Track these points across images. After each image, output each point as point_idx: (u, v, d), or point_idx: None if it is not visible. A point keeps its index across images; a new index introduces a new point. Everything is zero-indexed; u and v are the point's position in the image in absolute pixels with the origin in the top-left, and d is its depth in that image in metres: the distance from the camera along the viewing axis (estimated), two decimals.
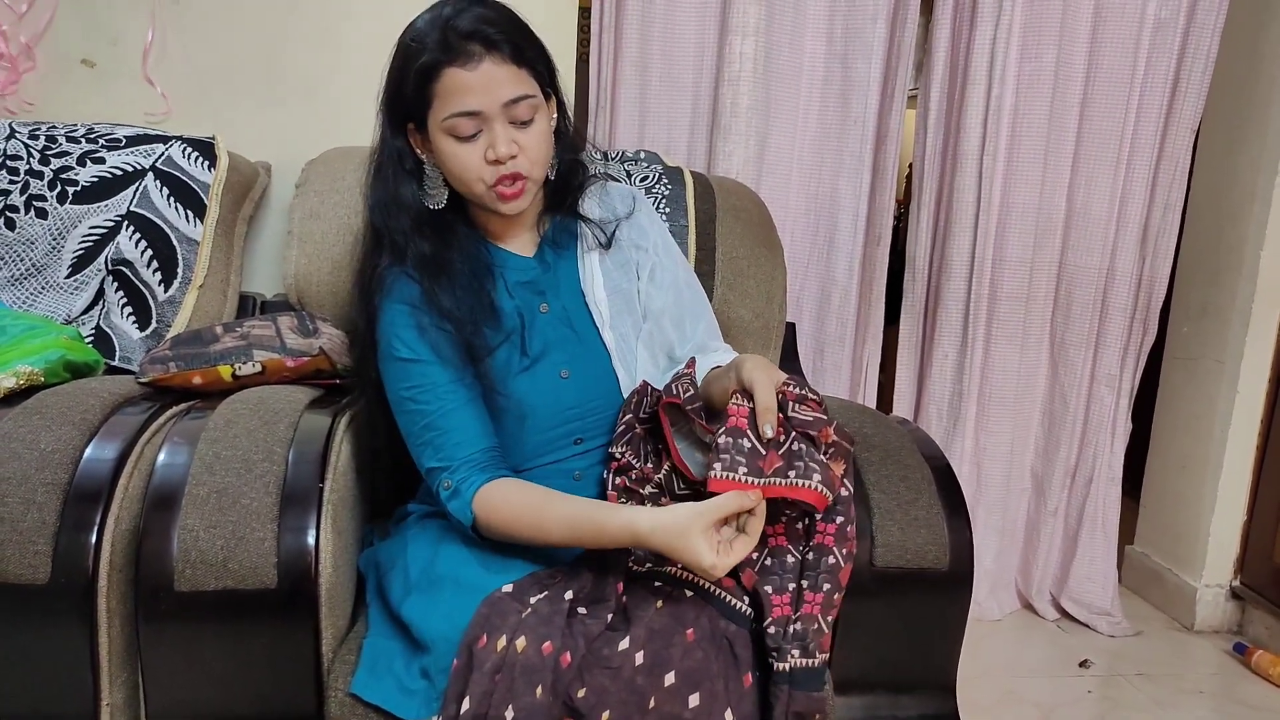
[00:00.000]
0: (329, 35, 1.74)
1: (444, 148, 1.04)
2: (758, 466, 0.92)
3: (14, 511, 0.93)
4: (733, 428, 0.94)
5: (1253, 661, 2.01)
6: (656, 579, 1.00)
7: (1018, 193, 2.06)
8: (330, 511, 1.00)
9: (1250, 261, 2.09)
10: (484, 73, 0.99)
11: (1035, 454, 2.25)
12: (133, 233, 1.44)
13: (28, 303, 1.41)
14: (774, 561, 1.00)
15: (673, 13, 1.92)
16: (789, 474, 0.92)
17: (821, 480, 0.92)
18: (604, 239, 1.18)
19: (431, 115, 1.03)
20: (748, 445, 0.93)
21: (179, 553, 0.94)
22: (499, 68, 1.00)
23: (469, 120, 1.01)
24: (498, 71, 1.00)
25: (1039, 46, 2.00)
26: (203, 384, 1.19)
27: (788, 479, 0.92)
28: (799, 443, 0.95)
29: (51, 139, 1.47)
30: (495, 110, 1.01)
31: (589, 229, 1.18)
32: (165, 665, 0.96)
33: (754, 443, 0.93)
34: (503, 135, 1.01)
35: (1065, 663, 2.03)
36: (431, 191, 1.10)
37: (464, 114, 1.00)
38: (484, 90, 0.99)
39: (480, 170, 1.03)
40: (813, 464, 0.93)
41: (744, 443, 0.93)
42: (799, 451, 0.94)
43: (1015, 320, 2.14)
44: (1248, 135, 2.12)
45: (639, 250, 1.20)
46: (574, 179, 1.18)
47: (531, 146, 1.04)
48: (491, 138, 1.02)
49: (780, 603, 0.97)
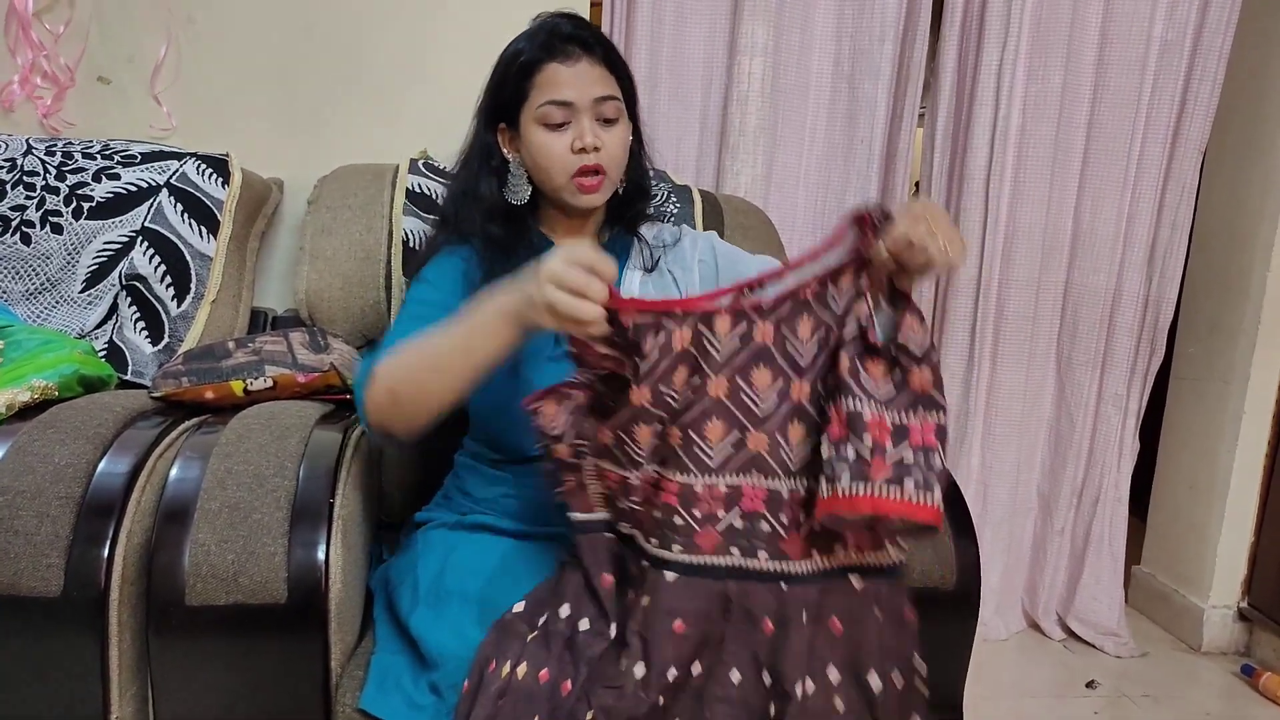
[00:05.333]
0: (342, 54, 1.76)
1: (534, 138, 1.11)
2: (860, 472, 0.83)
3: (28, 525, 0.93)
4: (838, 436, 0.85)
5: (1260, 684, 2.00)
6: (645, 557, 0.93)
7: (1024, 212, 2.07)
8: (340, 527, 1.01)
9: (1257, 282, 2.09)
10: (579, 70, 1.09)
11: (1041, 473, 2.25)
12: (147, 248, 1.45)
13: (42, 317, 1.43)
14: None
15: (682, 33, 1.94)
16: (904, 483, 0.84)
17: (941, 491, 0.83)
18: (650, 262, 1.23)
19: (526, 107, 1.11)
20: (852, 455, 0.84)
21: (190, 567, 0.94)
22: (593, 68, 1.10)
23: (561, 109, 1.09)
24: (592, 71, 1.10)
25: (1046, 68, 2.01)
26: (215, 399, 1.20)
27: (903, 490, 0.83)
28: (907, 413, 0.85)
29: (68, 155, 1.49)
30: (585, 104, 1.09)
31: (642, 247, 1.24)
32: (175, 679, 0.97)
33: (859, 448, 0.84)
34: (590, 127, 1.10)
35: (1071, 683, 2.02)
36: (515, 187, 1.17)
37: (557, 103, 1.09)
38: (578, 84, 1.09)
39: (565, 159, 1.10)
40: (931, 469, 0.84)
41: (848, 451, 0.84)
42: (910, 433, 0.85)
43: (1021, 339, 2.14)
44: (1255, 156, 2.13)
45: (685, 271, 1.24)
46: (639, 199, 1.25)
47: (613, 145, 1.12)
48: (579, 129, 1.09)
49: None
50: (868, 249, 0.86)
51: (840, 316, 0.89)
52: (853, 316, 0.88)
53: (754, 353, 0.90)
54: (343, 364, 1.29)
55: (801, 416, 0.91)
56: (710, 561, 0.90)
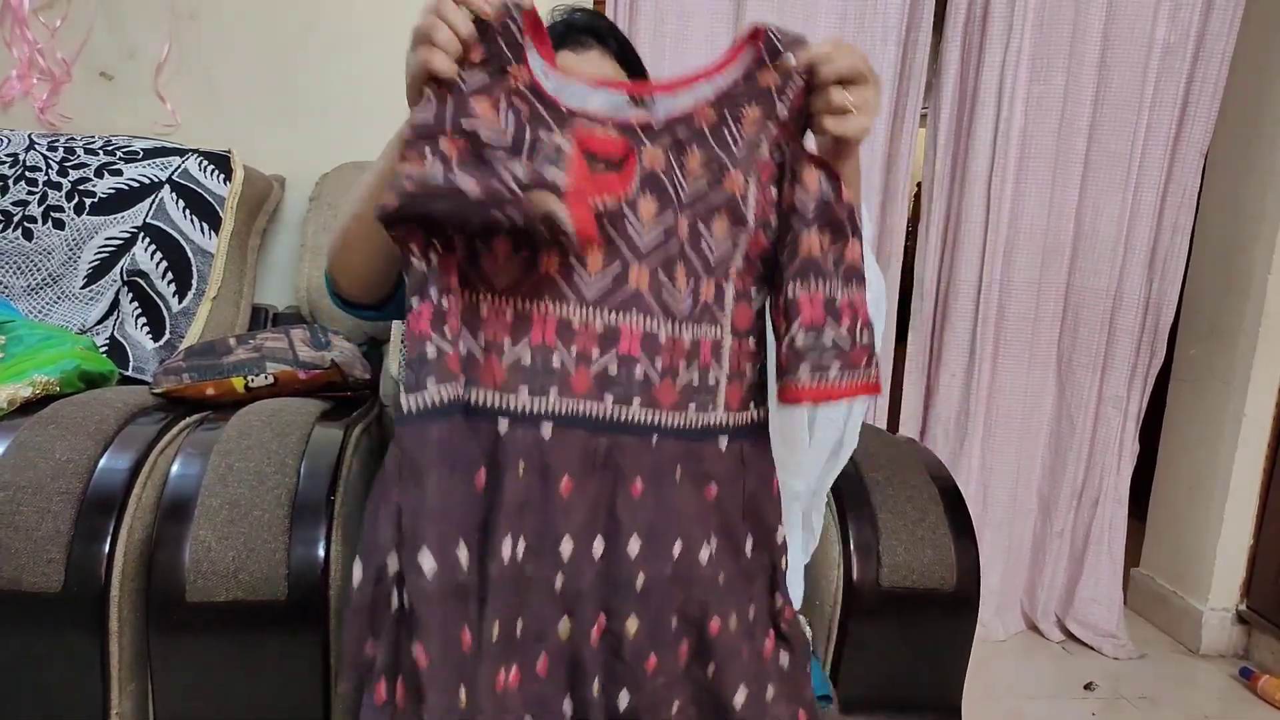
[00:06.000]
0: (343, 51, 1.76)
1: None
2: (850, 362, 0.80)
3: (29, 520, 0.94)
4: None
5: (1259, 686, 2.00)
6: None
7: (1026, 214, 2.07)
8: (341, 524, 1.01)
9: (1258, 284, 2.10)
10: (589, 59, 1.08)
11: (1042, 475, 2.25)
12: (148, 244, 1.45)
13: (43, 312, 1.43)
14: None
15: (684, 35, 1.94)
16: (873, 365, 0.81)
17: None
18: None
19: None
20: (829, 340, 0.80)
21: (190, 563, 0.95)
22: (604, 59, 1.09)
23: None
24: (602, 62, 1.09)
25: (1048, 70, 2.01)
26: (216, 395, 1.20)
27: (873, 372, 0.81)
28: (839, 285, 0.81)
29: (70, 151, 1.49)
30: None
31: None
32: (175, 675, 0.97)
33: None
34: None
35: (1070, 685, 2.02)
36: None
37: None
38: (585, 72, 1.07)
39: None
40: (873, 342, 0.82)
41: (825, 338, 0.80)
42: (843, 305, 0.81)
43: (1022, 341, 2.14)
44: (1256, 159, 2.13)
45: None
46: None
47: None
48: None
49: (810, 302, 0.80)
50: (764, 68, 0.82)
51: (745, 160, 0.82)
52: (810, 191, 0.80)
53: (641, 178, 0.80)
54: (344, 361, 1.29)
55: (683, 258, 0.81)
56: (584, 408, 0.79)
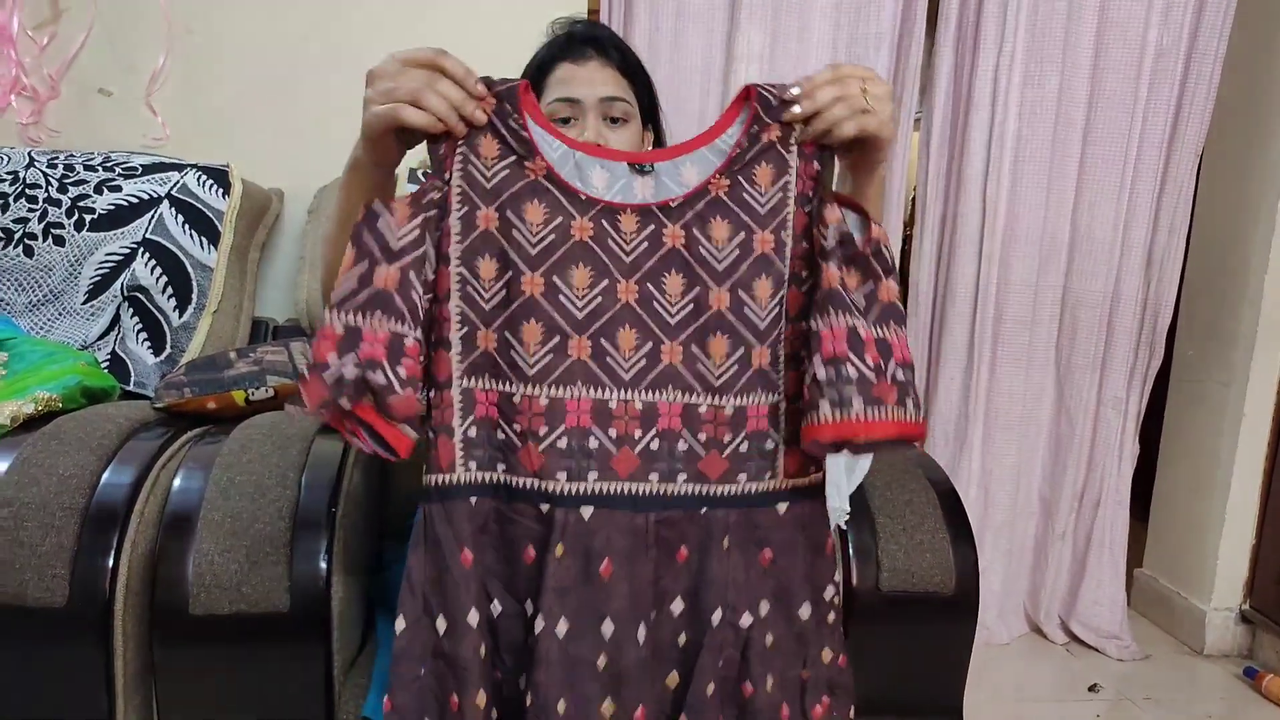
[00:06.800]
0: (340, 64, 1.77)
1: None
2: (874, 396, 0.78)
3: (33, 536, 0.94)
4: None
5: (1263, 686, 2.00)
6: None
7: (1022, 217, 2.08)
8: (342, 536, 1.01)
9: (1255, 284, 2.10)
10: (589, 69, 1.10)
11: (1042, 477, 2.26)
12: (148, 259, 1.46)
13: (45, 328, 1.43)
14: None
15: (679, 39, 1.95)
16: (906, 404, 0.80)
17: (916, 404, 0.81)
18: None
19: (540, 104, 1.11)
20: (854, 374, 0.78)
21: (194, 577, 0.95)
22: (604, 69, 1.11)
23: (567, 105, 1.09)
24: (602, 71, 1.11)
25: (1041, 73, 2.02)
26: (217, 409, 1.21)
27: (906, 411, 0.80)
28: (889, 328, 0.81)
29: (70, 168, 1.50)
30: (592, 103, 1.09)
31: None
32: (179, 687, 0.97)
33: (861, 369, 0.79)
34: (593, 125, 1.09)
35: (1074, 687, 2.02)
36: None
37: (564, 99, 1.09)
38: (586, 83, 1.10)
39: None
40: (914, 384, 0.81)
41: (849, 370, 0.78)
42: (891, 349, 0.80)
43: (1020, 343, 2.15)
44: (1251, 159, 2.13)
45: None
46: None
47: (618, 145, 1.10)
48: (583, 126, 1.09)
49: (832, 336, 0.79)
50: (765, 126, 0.85)
51: (770, 217, 0.84)
52: (829, 224, 0.81)
53: (664, 257, 0.83)
54: None
55: (724, 328, 0.83)
56: (629, 489, 0.82)
